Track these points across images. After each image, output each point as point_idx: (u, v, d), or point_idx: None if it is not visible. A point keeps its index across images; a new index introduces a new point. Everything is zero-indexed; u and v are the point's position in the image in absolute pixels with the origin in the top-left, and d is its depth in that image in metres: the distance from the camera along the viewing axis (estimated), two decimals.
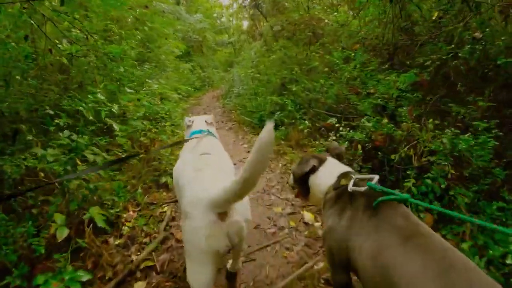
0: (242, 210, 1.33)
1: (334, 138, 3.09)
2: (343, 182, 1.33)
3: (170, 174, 3.28)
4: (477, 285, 0.82)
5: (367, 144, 2.77)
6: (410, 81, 2.98)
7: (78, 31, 3.47)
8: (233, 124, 6.57)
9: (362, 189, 1.20)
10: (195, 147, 1.75)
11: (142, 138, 3.71)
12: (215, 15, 19.60)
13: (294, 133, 4.41)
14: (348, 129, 3.11)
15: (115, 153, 3.15)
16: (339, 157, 1.56)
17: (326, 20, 6.24)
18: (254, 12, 11.45)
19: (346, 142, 2.90)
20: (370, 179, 1.23)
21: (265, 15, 10.49)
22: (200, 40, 17.34)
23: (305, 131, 4.16)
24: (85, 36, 3.54)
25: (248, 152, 4.54)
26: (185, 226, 1.30)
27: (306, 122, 4.10)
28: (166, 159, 3.56)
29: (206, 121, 2.13)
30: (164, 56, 10.04)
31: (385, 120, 2.70)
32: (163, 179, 3.24)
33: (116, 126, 3.26)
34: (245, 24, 16.90)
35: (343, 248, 1.19)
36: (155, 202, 2.93)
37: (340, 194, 1.31)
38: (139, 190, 2.96)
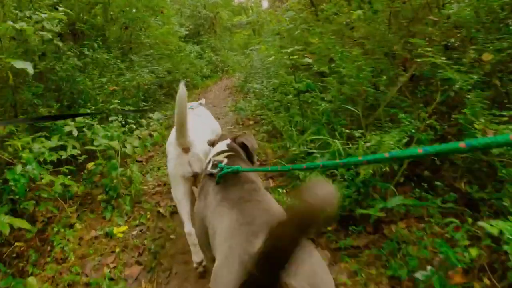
0: (200, 148, 1.85)
1: None
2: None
3: None
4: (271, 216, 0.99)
5: None
6: None
7: None
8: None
9: (215, 171, 1.35)
10: None
11: None
12: None
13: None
14: None
15: None
16: (246, 149, 1.60)
17: None
18: None
19: None
20: (221, 161, 1.38)
21: None
22: (212, 17, 14.02)
23: None
24: None
25: None
26: (167, 160, 1.94)
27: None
28: None
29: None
30: (152, 36, 6.91)
31: None
32: None
33: None
34: (265, 5, 15.11)
35: (204, 226, 1.26)
36: None
37: (205, 176, 1.45)
38: None
